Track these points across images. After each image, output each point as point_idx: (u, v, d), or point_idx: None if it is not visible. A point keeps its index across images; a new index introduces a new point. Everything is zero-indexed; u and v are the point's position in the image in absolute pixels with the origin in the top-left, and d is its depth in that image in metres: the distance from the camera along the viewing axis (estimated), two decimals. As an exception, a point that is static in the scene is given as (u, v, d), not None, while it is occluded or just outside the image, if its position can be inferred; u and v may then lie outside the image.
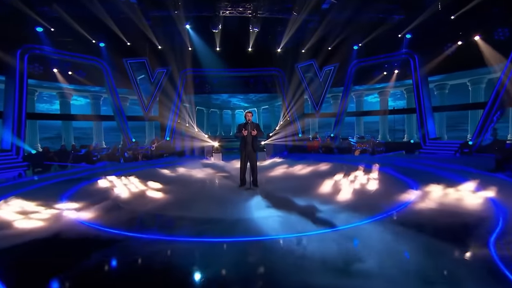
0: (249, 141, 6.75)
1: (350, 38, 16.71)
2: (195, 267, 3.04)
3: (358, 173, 8.31)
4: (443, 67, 13.84)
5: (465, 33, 12.93)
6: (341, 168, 9.29)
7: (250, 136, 6.71)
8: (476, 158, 10.51)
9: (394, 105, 17.68)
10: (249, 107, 26.04)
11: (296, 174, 8.80)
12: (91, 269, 2.98)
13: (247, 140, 6.72)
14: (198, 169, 10.09)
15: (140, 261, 3.16)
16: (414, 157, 11.92)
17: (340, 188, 6.46)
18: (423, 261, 3.02)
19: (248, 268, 3.03)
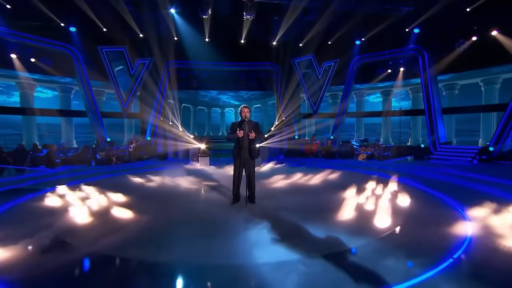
0: (245, 145, 5.26)
1: (352, 31, 15.47)
2: None
3: (376, 185, 6.95)
4: (453, 65, 12.76)
5: (481, 27, 11.86)
6: (352, 179, 7.93)
7: (247, 138, 5.20)
8: (499, 167, 9.40)
9: (399, 105, 16.53)
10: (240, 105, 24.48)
11: (300, 185, 7.36)
12: None
13: (243, 144, 5.25)
14: (181, 177, 8.49)
15: None
16: (428, 164, 10.73)
17: (365, 210, 5.04)
18: None
19: None
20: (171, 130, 13.94)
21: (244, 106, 5.35)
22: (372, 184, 7.14)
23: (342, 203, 5.44)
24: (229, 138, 5.41)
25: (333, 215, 4.72)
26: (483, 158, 10.15)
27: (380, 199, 5.69)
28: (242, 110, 5.29)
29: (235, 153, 5.36)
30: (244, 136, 5.22)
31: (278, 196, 6.11)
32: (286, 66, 16.94)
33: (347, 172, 9.19)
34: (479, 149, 10.85)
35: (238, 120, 5.41)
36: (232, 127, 5.43)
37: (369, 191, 6.43)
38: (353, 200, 5.68)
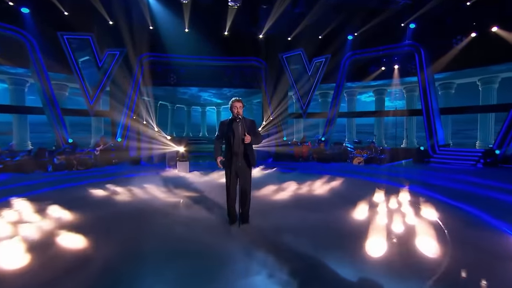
0: (238, 151, 4.16)
1: (345, 26, 14.76)
2: None
3: (389, 196, 6.05)
4: (450, 63, 12.31)
5: (481, 23, 11.46)
6: (358, 187, 7.05)
7: (241, 142, 4.11)
8: (509, 171, 8.87)
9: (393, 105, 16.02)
10: (222, 103, 23.26)
11: (299, 196, 6.33)
12: None
13: (235, 149, 4.13)
14: (156, 186, 7.22)
15: None
16: (430, 168, 10.10)
17: (393, 232, 4.08)
18: None
19: None
20: (146, 130, 12.52)
21: (236, 99, 4.21)
22: (383, 195, 6.25)
23: (359, 223, 4.46)
24: (217, 148, 4.33)
25: (354, 242, 3.71)
26: (488, 162, 9.64)
27: (404, 217, 4.77)
28: (234, 105, 4.17)
29: (226, 160, 4.23)
30: (237, 139, 4.12)
31: (276, 211, 5.05)
32: (273, 62, 15.96)
33: (348, 179, 8.29)
34: (482, 152, 10.35)
35: (228, 118, 4.31)
36: (220, 127, 4.32)
37: (384, 204, 5.51)
38: (371, 218, 4.72)
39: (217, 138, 4.35)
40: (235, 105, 4.15)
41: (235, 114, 4.13)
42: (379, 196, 6.14)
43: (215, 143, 4.34)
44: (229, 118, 4.25)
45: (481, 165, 9.93)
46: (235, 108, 4.13)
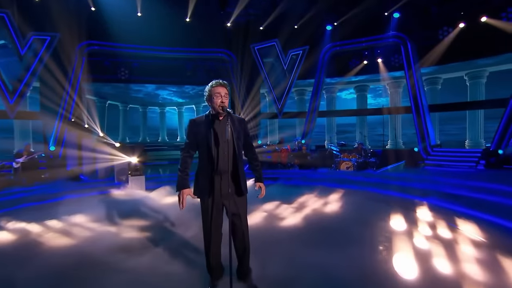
0: (226, 170, 2.62)
1: (323, 14, 13.81)
2: None
3: (416, 218, 4.88)
4: (436, 56, 11.85)
5: (469, 13, 11.09)
6: (367, 204, 5.86)
7: (227, 155, 2.63)
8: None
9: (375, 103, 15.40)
10: (185, 103, 21.26)
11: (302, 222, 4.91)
12: None
13: (221, 167, 2.64)
14: (97, 216, 5.32)
15: None
16: (428, 172, 9.34)
17: None
18: None
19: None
20: (88, 136, 10.32)
21: (218, 83, 2.68)
22: (408, 215, 5.08)
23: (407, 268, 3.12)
24: (184, 171, 2.71)
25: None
26: (491, 163, 9.09)
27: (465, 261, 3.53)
28: (215, 91, 2.64)
29: (202, 184, 2.66)
30: (223, 150, 2.60)
31: (281, 250, 3.59)
32: (244, 54, 14.55)
33: (348, 192, 7.08)
34: (480, 152, 9.83)
35: (203, 115, 2.75)
36: (191, 131, 2.72)
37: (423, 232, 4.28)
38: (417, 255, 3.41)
39: (185, 151, 2.73)
40: (218, 92, 2.62)
41: (218, 106, 2.60)
42: (403, 218, 4.94)
43: (182, 161, 2.72)
44: (205, 115, 2.72)
45: (482, 167, 9.38)
46: (218, 96, 2.61)
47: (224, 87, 2.65)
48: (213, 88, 2.63)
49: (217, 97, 2.60)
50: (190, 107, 21.33)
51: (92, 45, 12.52)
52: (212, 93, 2.63)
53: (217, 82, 2.65)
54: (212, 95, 2.63)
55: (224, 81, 2.69)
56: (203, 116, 2.70)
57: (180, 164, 2.69)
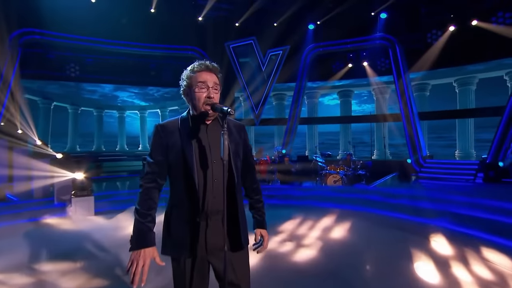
0: (215, 207, 1.64)
1: (305, 12, 13.23)
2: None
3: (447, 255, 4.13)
4: (426, 61, 11.64)
5: (458, 16, 10.97)
6: (382, 235, 5.11)
7: (220, 184, 1.63)
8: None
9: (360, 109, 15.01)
10: (148, 107, 19.71)
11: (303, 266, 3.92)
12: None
13: (209, 203, 1.63)
14: (11, 259, 3.96)
15: None
16: (426, 187, 8.82)
17: None
18: None
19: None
20: (21, 145, 8.67)
21: (204, 67, 1.70)
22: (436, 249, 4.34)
23: None
24: (144, 216, 1.60)
25: None
26: (490, 176, 8.76)
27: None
28: (198, 80, 1.67)
29: (176, 233, 1.65)
30: (211, 177, 1.64)
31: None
32: (217, 53, 13.54)
33: (350, 214, 6.29)
34: (477, 164, 9.55)
35: (177, 118, 1.75)
36: (155, 144, 1.69)
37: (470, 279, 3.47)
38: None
39: (147, 179, 1.67)
40: (202, 81, 1.67)
41: (203, 104, 1.65)
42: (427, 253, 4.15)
43: (142, 197, 1.64)
44: (180, 118, 1.74)
45: (480, 180, 9.04)
46: (202, 87, 1.66)
47: (212, 73, 1.69)
48: (195, 75, 1.67)
49: (200, 89, 1.64)
50: (154, 112, 19.83)
51: (30, 34, 10.87)
52: (192, 82, 1.66)
53: (200, 65, 1.69)
54: (192, 85, 1.66)
55: (213, 64, 1.72)
56: (177, 120, 1.71)
57: (138, 202, 1.61)
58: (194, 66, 1.69)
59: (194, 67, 1.69)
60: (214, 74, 1.68)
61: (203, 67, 1.67)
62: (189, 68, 1.70)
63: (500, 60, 10.77)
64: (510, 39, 9.75)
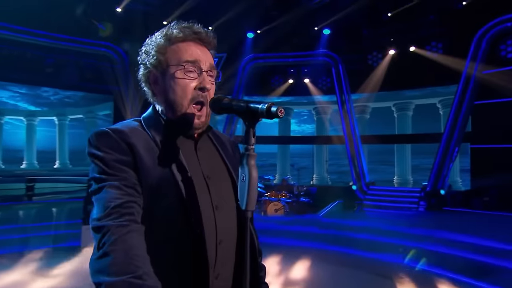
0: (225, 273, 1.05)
1: (244, 19, 13.01)
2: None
3: None
4: (368, 82, 12.39)
5: (398, 40, 11.99)
6: (351, 277, 5.28)
7: (231, 237, 1.08)
8: (466, 216, 8.72)
9: (300, 129, 15.21)
10: (39, 112, 17.00)
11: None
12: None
13: (210, 280, 0.98)
14: None
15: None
16: (377, 216, 9.08)
17: None
18: None
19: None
20: None
21: (193, 32, 1.09)
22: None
23: None
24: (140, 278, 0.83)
25: None
26: (432, 204, 9.42)
27: None
28: (185, 55, 1.06)
29: None
30: (213, 234, 1.02)
31: None
32: (136, 52, 12.28)
33: (307, 252, 6.09)
34: (418, 191, 10.24)
35: (135, 126, 1.08)
36: (108, 160, 0.97)
37: None
38: None
39: (114, 216, 0.90)
40: (195, 58, 1.07)
41: (190, 101, 1.07)
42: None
43: (114, 255, 0.85)
44: (143, 124, 1.11)
45: (423, 209, 9.65)
46: (190, 70, 1.06)
47: (205, 48, 1.13)
48: (176, 47, 1.09)
49: (187, 72, 1.06)
50: (48, 119, 17.14)
51: None
52: (169, 58, 1.07)
53: (186, 29, 1.10)
54: (169, 64, 1.07)
55: (207, 30, 1.14)
56: (136, 128, 1.07)
57: (109, 269, 0.83)
58: (172, 31, 1.09)
59: (172, 32, 1.08)
60: (208, 49, 1.13)
61: (192, 34, 1.09)
62: (163, 33, 1.10)
63: (434, 87, 12.02)
64: (443, 67, 10.93)
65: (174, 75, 1.05)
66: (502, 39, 10.52)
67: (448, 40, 11.45)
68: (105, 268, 0.81)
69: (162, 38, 1.07)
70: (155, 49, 1.07)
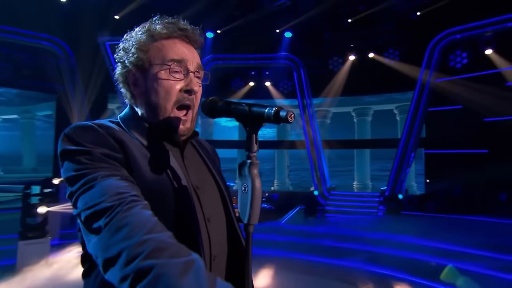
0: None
1: (205, 17, 12.86)
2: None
3: None
4: (329, 87, 12.80)
5: (358, 47, 12.52)
6: None
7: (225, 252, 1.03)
8: (423, 221, 9.22)
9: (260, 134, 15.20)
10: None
11: None
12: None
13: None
14: None
15: None
16: (340, 222, 9.32)
17: None
18: None
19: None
20: None
21: (179, 29, 1.02)
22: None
23: None
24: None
25: None
26: (391, 208, 9.88)
27: None
28: (170, 53, 1.00)
29: None
30: (208, 249, 0.96)
31: None
32: (89, 50, 11.66)
33: (273, 261, 5.98)
34: (378, 196, 10.69)
35: (112, 126, 0.97)
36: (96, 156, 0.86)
37: None
38: None
39: (121, 198, 0.78)
40: (181, 57, 1.00)
41: (174, 105, 1.01)
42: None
43: (137, 221, 0.75)
44: (123, 128, 1.01)
45: (382, 213, 10.08)
46: (176, 70, 1.00)
47: (192, 47, 1.07)
48: (160, 44, 1.01)
49: (172, 73, 0.99)
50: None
51: None
52: (152, 57, 1.00)
53: (171, 26, 1.03)
54: (152, 62, 1.00)
55: (194, 28, 1.08)
56: (118, 128, 0.97)
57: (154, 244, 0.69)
58: (155, 26, 1.02)
59: (155, 28, 1.01)
60: (194, 48, 1.07)
61: (177, 31, 1.02)
62: (144, 29, 1.02)
63: (391, 94, 12.70)
64: (400, 74, 11.59)
65: (158, 76, 0.97)
66: (451, 50, 11.41)
67: (404, 48, 12.15)
68: (133, 234, 0.69)
69: (143, 34, 1.00)
70: (135, 46, 0.99)
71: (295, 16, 12.50)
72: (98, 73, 11.82)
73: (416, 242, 7.35)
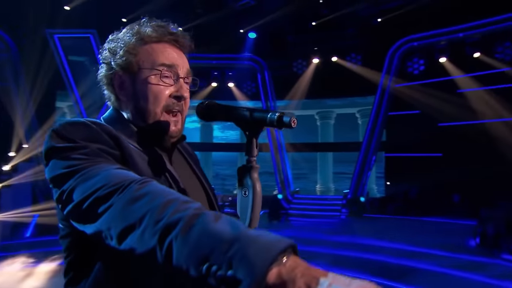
0: None
1: (165, 14, 12.58)
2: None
3: None
4: (293, 90, 13.06)
5: (322, 50, 12.89)
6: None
7: None
8: (385, 223, 9.63)
9: (223, 135, 15.21)
10: None
11: None
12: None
13: None
14: None
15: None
16: (305, 226, 9.51)
17: None
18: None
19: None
20: None
21: (169, 33, 1.00)
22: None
23: None
24: None
25: None
26: (354, 211, 10.26)
27: None
28: (161, 58, 0.98)
29: None
30: None
31: None
32: (35, 43, 11.00)
33: None
34: (340, 199, 11.04)
35: (105, 125, 0.92)
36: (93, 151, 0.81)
37: None
38: None
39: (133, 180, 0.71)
40: (172, 63, 0.98)
41: (162, 109, 0.97)
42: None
43: (159, 193, 0.67)
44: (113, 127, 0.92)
45: (344, 216, 10.42)
46: (166, 75, 0.97)
47: (181, 51, 1.06)
48: (150, 47, 0.99)
49: (162, 78, 0.98)
50: None
51: None
52: (141, 60, 0.98)
53: (161, 29, 1.00)
54: (141, 66, 0.97)
55: (184, 32, 1.08)
56: (107, 126, 0.91)
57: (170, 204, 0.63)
58: (145, 29, 0.97)
59: (146, 30, 0.97)
60: (183, 53, 1.07)
61: (167, 35, 0.99)
62: (134, 31, 0.98)
63: (353, 98, 13.21)
64: (362, 79, 12.10)
65: (147, 80, 0.96)
66: (409, 57, 12.11)
67: (366, 53, 12.69)
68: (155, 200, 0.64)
69: (133, 36, 0.97)
70: (124, 48, 0.96)
71: (259, 17, 12.57)
72: (46, 68, 11.16)
73: (377, 244, 7.73)
